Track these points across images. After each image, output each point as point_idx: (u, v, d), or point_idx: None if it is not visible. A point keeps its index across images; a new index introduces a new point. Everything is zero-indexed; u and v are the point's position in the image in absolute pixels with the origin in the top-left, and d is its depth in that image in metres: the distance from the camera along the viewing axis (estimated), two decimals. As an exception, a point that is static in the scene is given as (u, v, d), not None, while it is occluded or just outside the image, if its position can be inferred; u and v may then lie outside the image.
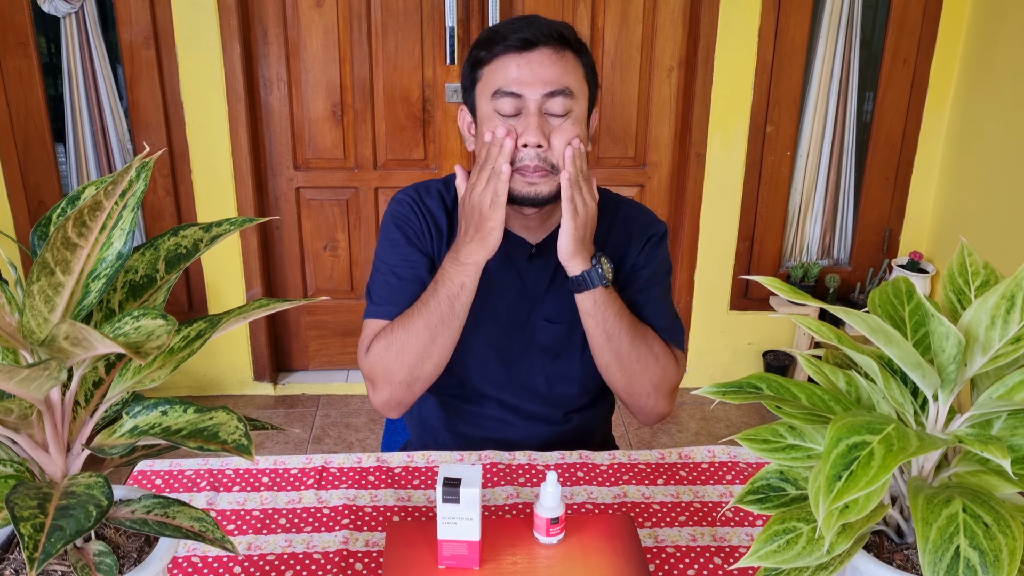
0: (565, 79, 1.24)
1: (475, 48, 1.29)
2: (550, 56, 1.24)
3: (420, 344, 1.28)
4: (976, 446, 0.69)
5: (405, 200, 1.40)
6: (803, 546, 0.75)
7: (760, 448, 0.82)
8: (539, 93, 1.23)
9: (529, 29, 1.23)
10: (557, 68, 1.24)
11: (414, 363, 1.29)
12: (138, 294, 0.87)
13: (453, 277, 1.26)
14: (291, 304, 0.85)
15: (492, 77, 1.25)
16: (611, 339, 1.30)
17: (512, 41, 1.23)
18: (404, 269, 1.36)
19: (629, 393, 1.35)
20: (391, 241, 1.38)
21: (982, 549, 0.67)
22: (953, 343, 0.72)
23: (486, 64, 1.27)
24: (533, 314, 1.39)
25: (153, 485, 1.24)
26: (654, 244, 1.41)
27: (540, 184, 1.26)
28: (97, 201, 0.72)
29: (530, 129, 1.23)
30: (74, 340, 0.67)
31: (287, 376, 3.27)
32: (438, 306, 1.27)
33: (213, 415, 0.78)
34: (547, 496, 1.05)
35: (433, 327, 1.27)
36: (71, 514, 0.68)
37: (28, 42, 2.72)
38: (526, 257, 1.38)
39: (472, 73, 1.29)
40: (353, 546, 1.12)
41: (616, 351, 1.31)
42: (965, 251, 0.86)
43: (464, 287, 1.26)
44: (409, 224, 1.38)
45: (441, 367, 1.31)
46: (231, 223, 0.91)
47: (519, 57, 1.23)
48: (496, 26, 1.28)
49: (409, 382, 1.30)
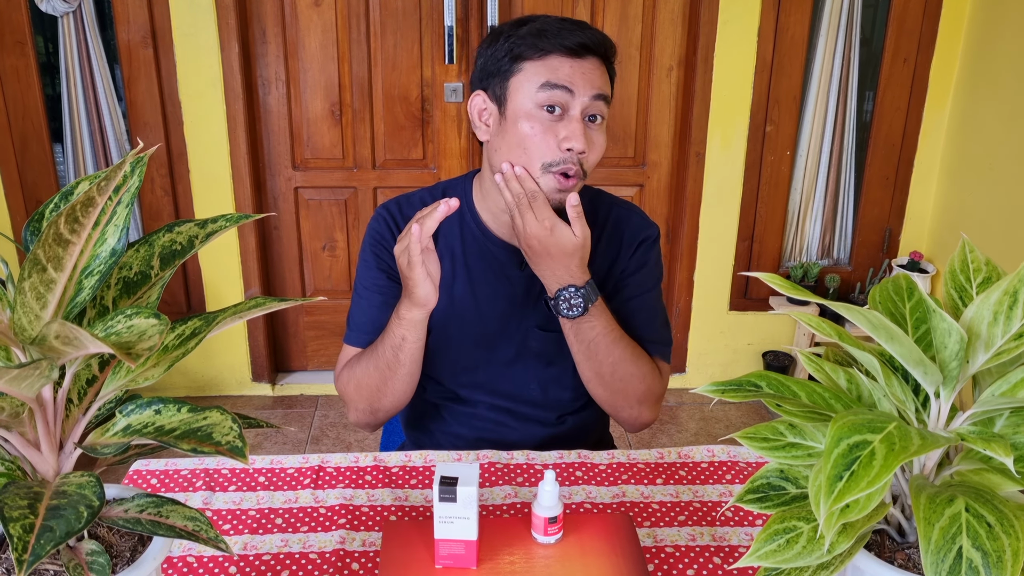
0: (606, 88, 1.26)
1: (513, 39, 1.24)
2: (598, 66, 1.25)
3: (373, 384, 1.33)
4: (979, 444, 0.68)
5: (383, 217, 1.39)
6: (803, 545, 0.74)
7: (760, 447, 0.81)
8: (588, 95, 1.22)
9: (584, 34, 1.22)
10: (602, 78, 1.25)
11: (371, 398, 1.34)
12: (132, 291, 0.86)
13: (395, 330, 1.28)
14: (287, 304, 0.84)
15: (540, 70, 1.22)
16: (591, 359, 1.30)
17: (568, 42, 1.21)
18: (375, 296, 1.37)
19: (612, 406, 1.36)
20: (364, 263, 1.40)
21: (985, 550, 0.66)
22: (955, 339, 0.72)
23: (531, 59, 1.23)
24: (525, 321, 1.38)
25: (149, 484, 1.23)
26: (645, 248, 1.40)
27: (567, 192, 1.25)
28: (90, 197, 0.71)
29: (577, 134, 1.21)
30: (65, 339, 0.67)
31: (285, 377, 3.26)
32: (384, 354, 1.30)
33: (207, 415, 0.77)
34: (545, 495, 1.05)
35: (382, 371, 1.31)
36: (62, 515, 0.68)
37: (25, 41, 2.71)
38: (516, 265, 1.37)
39: (511, 64, 1.25)
40: (350, 546, 1.11)
41: (597, 371, 1.31)
42: (967, 247, 0.85)
43: (405, 340, 1.27)
44: (383, 244, 1.38)
45: (401, 403, 1.35)
46: (227, 219, 0.90)
47: (572, 60, 1.22)
48: (541, 23, 1.24)
49: (372, 411, 1.36)
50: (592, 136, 1.24)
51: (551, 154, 1.22)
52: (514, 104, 1.24)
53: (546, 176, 1.24)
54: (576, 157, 1.22)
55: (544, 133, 1.22)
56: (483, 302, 1.37)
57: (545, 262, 1.24)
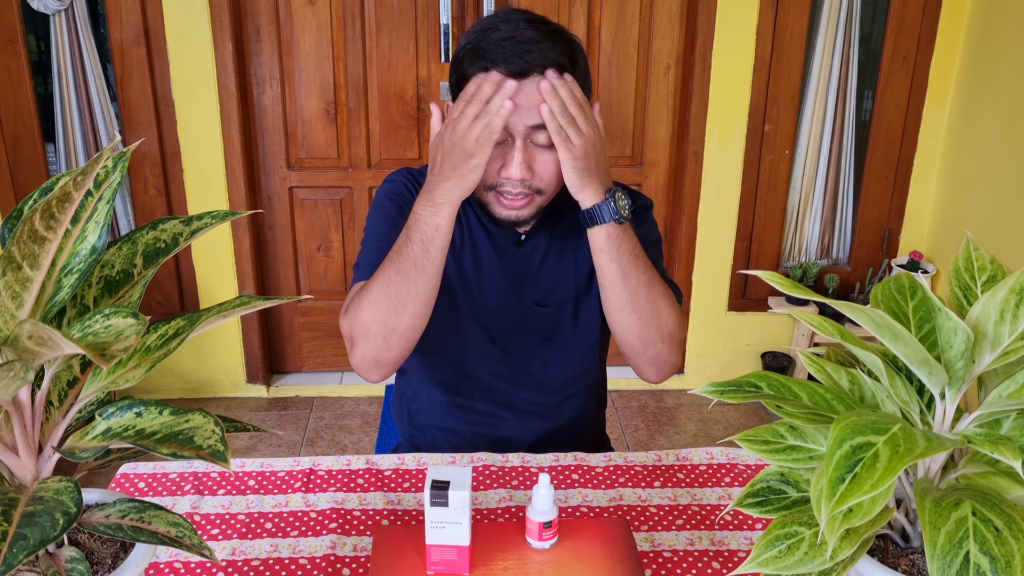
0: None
1: (462, 53, 1.21)
2: (541, 83, 1.17)
3: (393, 292, 1.20)
4: (986, 447, 0.66)
5: (399, 180, 1.38)
6: (805, 551, 0.72)
7: (760, 449, 0.79)
8: (525, 125, 1.18)
9: (520, 59, 1.16)
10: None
11: (388, 313, 1.21)
12: (114, 290, 0.84)
13: (427, 219, 1.18)
14: (272, 302, 0.82)
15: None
16: (627, 277, 1.23)
17: (504, 69, 1.16)
18: (395, 232, 1.27)
19: (642, 339, 1.27)
20: (384, 215, 1.34)
21: (993, 555, 0.64)
22: (961, 339, 0.70)
23: (472, 79, 1.20)
24: (523, 299, 1.37)
25: (136, 488, 1.21)
26: (640, 212, 1.37)
27: (523, 210, 1.24)
28: (66, 192, 0.69)
29: (514, 162, 1.19)
30: (38, 340, 0.64)
31: (280, 378, 3.23)
32: (411, 251, 1.19)
33: (189, 417, 0.74)
34: (539, 499, 1.02)
35: (406, 273, 1.19)
36: (36, 522, 0.65)
37: (17, 40, 2.69)
38: (515, 243, 1.35)
39: (458, 86, 1.22)
40: (341, 551, 1.08)
41: (632, 291, 1.24)
42: (971, 246, 0.83)
43: (439, 229, 1.18)
44: (403, 199, 1.35)
45: (418, 319, 1.22)
46: (212, 216, 0.88)
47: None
48: (487, 40, 1.18)
49: (384, 335, 1.22)
50: (537, 158, 1.21)
51: (491, 178, 1.22)
52: None
53: (490, 194, 1.24)
54: (518, 182, 1.20)
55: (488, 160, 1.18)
56: (485, 276, 1.36)
57: (599, 165, 1.21)
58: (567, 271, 1.37)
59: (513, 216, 1.25)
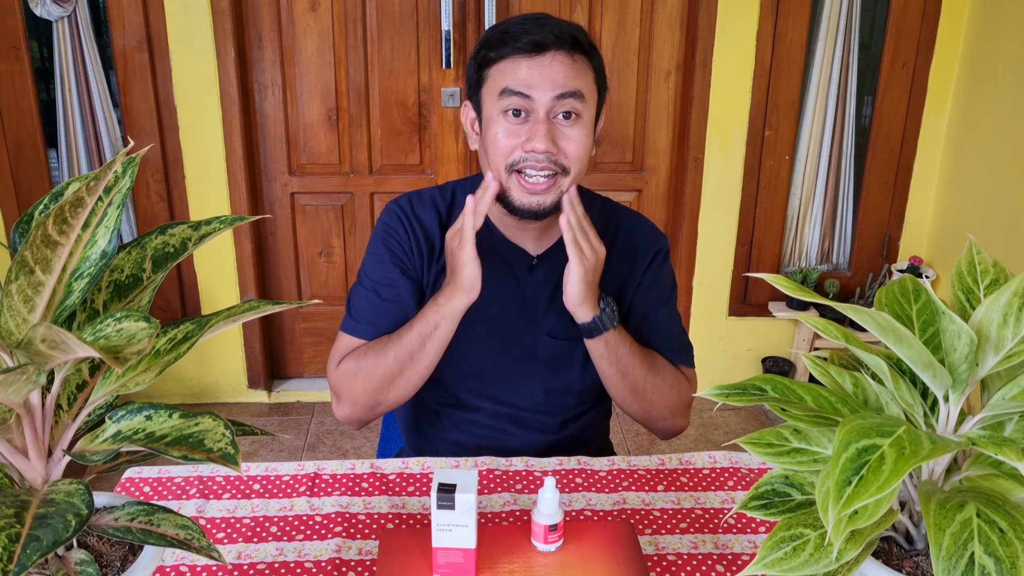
0: (576, 82, 1.21)
1: (483, 47, 1.25)
2: (561, 59, 1.20)
3: (387, 374, 1.28)
4: (990, 449, 0.66)
5: (396, 212, 1.37)
6: (811, 553, 0.73)
7: (764, 452, 0.79)
8: (549, 95, 1.19)
9: (540, 31, 1.19)
10: (568, 71, 1.20)
11: (378, 390, 1.29)
12: (123, 294, 0.84)
13: (429, 317, 1.25)
14: (281, 307, 0.83)
15: (500, 77, 1.22)
16: (625, 376, 1.30)
17: (522, 43, 1.19)
18: (385, 290, 1.34)
19: (646, 419, 1.36)
20: (377, 256, 1.36)
21: (998, 556, 0.64)
22: (965, 342, 0.70)
23: (494, 64, 1.23)
24: (534, 327, 1.37)
25: (142, 492, 1.21)
26: (660, 262, 1.39)
27: (545, 195, 1.24)
28: (79, 197, 0.69)
29: (538, 135, 1.19)
30: (51, 343, 0.65)
31: (282, 383, 3.24)
32: (410, 341, 1.26)
33: (199, 421, 0.75)
34: (545, 502, 1.03)
35: (402, 361, 1.27)
36: (49, 524, 0.66)
37: (20, 46, 2.70)
38: (526, 268, 1.35)
39: (479, 72, 1.26)
40: (346, 554, 1.09)
41: (631, 386, 1.31)
42: (974, 249, 0.84)
43: (438, 328, 1.25)
44: (397, 239, 1.35)
45: (406, 397, 1.31)
46: (221, 221, 0.89)
47: (529, 60, 1.20)
48: (505, 25, 1.23)
49: (371, 405, 1.32)
50: (563, 133, 1.22)
51: (512, 153, 1.22)
52: (486, 112, 1.25)
53: (511, 178, 1.24)
54: (543, 156, 1.20)
55: (508, 136, 1.22)
56: (491, 303, 1.35)
57: (597, 280, 1.26)
58: None
59: (535, 203, 1.24)
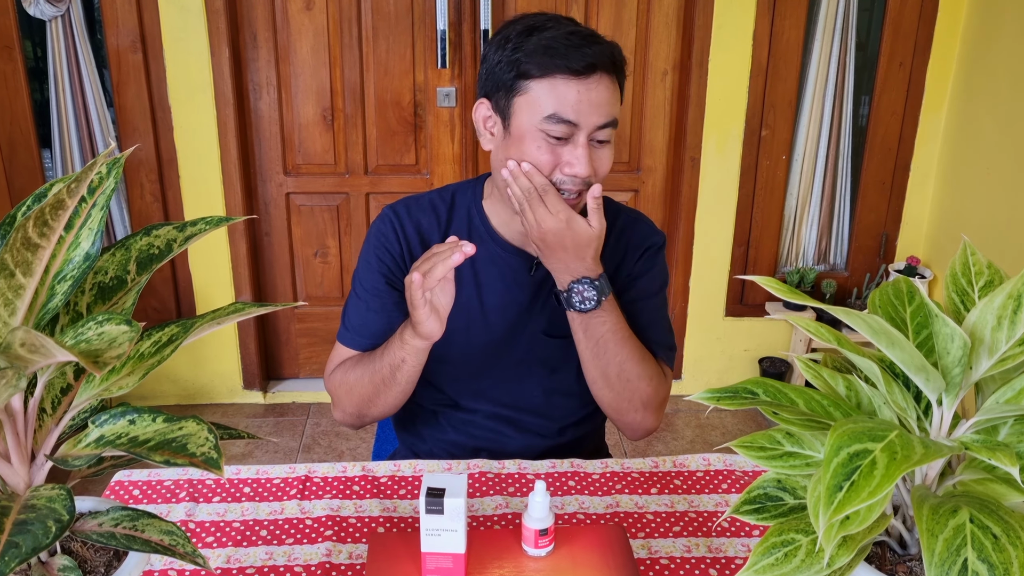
0: (616, 108, 1.21)
1: (521, 52, 1.18)
2: (607, 84, 1.18)
3: (366, 394, 1.31)
4: (984, 453, 0.66)
5: (389, 219, 1.36)
6: (802, 559, 0.72)
7: (757, 456, 0.78)
8: (594, 124, 1.18)
9: (590, 49, 1.16)
10: (610, 96, 1.19)
11: (361, 405, 1.33)
12: (107, 296, 0.83)
13: (395, 351, 1.25)
14: (267, 309, 0.82)
15: (546, 98, 1.17)
16: (599, 358, 1.27)
17: (573, 63, 1.15)
18: (373, 300, 1.34)
19: (616, 409, 1.32)
20: (366, 263, 1.36)
21: (991, 562, 0.63)
22: (958, 345, 0.69)
23: (536, 78, 1.18)
24: (532, 327, 1.36)
25: (131, 496, 1.20)
26: (652, 254, 1.38)
27: (576, 207, 1.24)
28: (59, 199, 0.68)
29: (582, 161, 1.19)
30: (31, 347, 0.64)
31: (277, 384, 3.23)
32: (380, 369, 1.27)
33: (183, 425, 0.74)
34: (535, 506, 1.02)
35: (376, 385, 1.29)
36: (29, 530, 0.65)
37: (13, 46, 2.68)
38: (527, 271, 1.34)
39: (516, 81, 1.19)
40: (336, 559, 1.08)
41: (604, 370, 1.28)
42: (968, 250, 0.83)
43: (405, 362, 1.25)
44: (387, 248, 1.34)
45: (391, 413, 1.35)
46: (206, 222, 0.87)
47: (579, 83, 1.16)
48: (550, 36, 1.17)
49: (358, 416, 1.35)
50: (598, 156, 1.22)
51: (552, 174, 1.21)
52: (518, 123, 1.20)
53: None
54: (581, 180, 1.21)
55: (547, 154, 1.19)
56: (491, 310, 1.34)
57: (559, 255, 1.22)
58: None
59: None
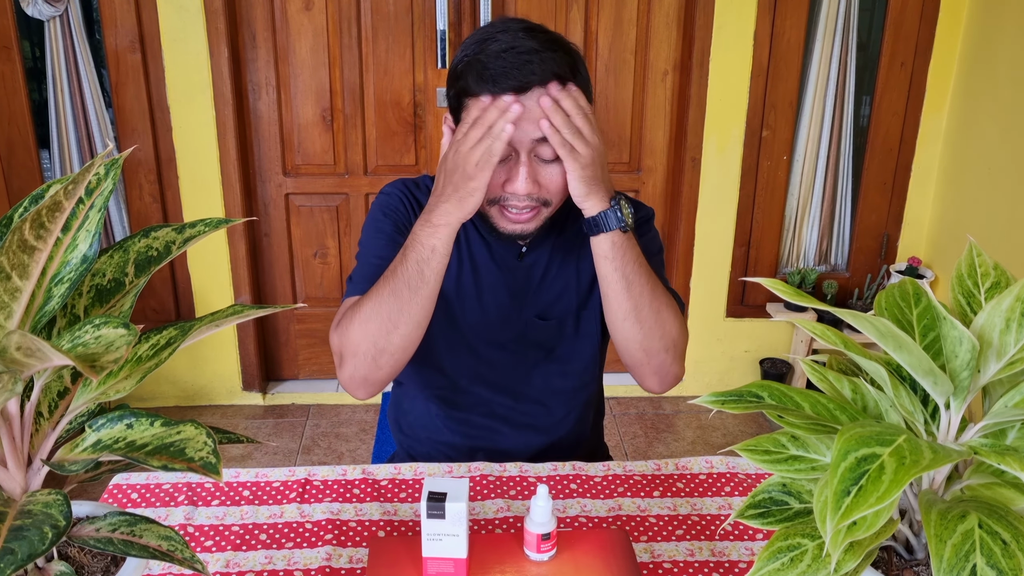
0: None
1: (461, 66, 1.19)
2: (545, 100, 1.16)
3: (385, 312, 1.18)
4: (992, 458, 0.65)
5: (394, 192, 1.36)
6: (808, 564, 0.71)
7: (761, 459, 0.77)
8: (530, 138, 1.17)
9: (521, 72, 1.14)
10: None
11: (379, 333, 1.19)
12: (105, 299, 0.82)
13: (424, 240, 1.16)
14: (266, 311, 0.81)
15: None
16: (631, 285, 1.22)
17: (500, 86, 1.14)
18: (390, 251, 1.27)
19: (645, 349, 1.26)
20: (378, 229, 1.33)
21: (1000, 568, 0.62)
22: (967, 348, 0.68)
23: (474, 96, 1.17)
24: (525, 312, 1.36)
25: (129, 499, 1.19)
26: (643, 223, 1.37)
27: (528, 223, 1.23)
28: (56, 201, 0.67)
29: (518, 178, 1.17)
30: (27, 351, 0.63)
31: (277, 385, 3.22)
32: (405, 271, 1.17)
33: (181, 429, 0.73)
34: (537, 511, 1.01)
35: (400, 293, 1.17)
36: (24, 536, 0.64)
37: (11, 46, 2.68)
38: (516, 256, 1.34)
39: (459, 101, 1.20)
40: (336, 563, 1.07)
41: (635, 299, 1.22)
42: (974, 251, 0.82)
43: (435, 251, 1.16)
44: (398, 214, 1.34)
45: (409, 340, 1.20)
46: (206, 224, 0.87)
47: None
48: (485, 54, 1.16)
49: (374, 355, 1.20)
50: (543, 170, 1.20)
51: (495, 192, 1.21)
52: None
53: (492, 208, 1.23)
54: (524, 196, 1.19)
55: (492, 172, 1.16)
56: (485, 289, 1.34)
57: (602, 174, 1.19)
58: (569, 283, 1.35)
59: (519, 230, 1.24)
